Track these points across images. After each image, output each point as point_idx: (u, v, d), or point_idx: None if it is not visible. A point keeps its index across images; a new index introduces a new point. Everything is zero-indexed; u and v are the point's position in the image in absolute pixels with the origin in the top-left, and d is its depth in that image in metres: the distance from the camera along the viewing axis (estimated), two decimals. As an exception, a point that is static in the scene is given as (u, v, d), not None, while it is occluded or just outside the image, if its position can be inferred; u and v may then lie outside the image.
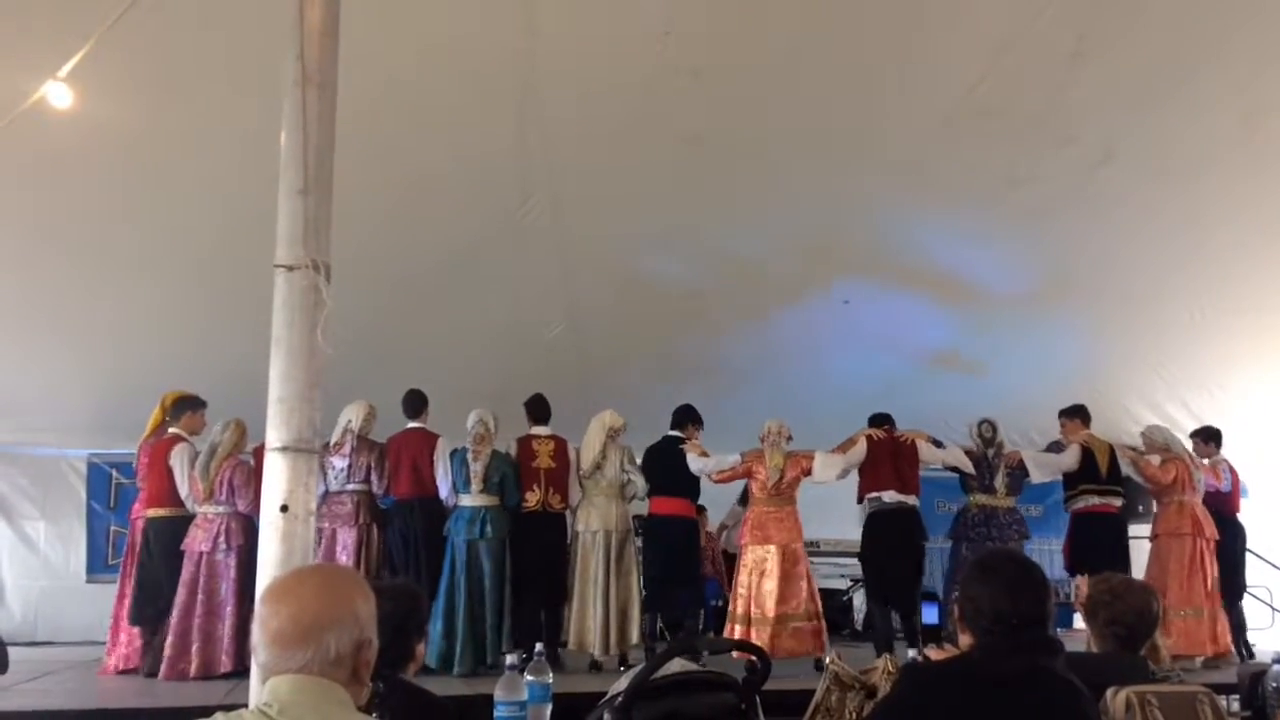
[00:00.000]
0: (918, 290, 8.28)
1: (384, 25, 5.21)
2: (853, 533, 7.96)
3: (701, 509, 8.03)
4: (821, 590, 7.44)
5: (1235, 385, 9.19)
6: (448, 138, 6.40)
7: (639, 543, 7.41)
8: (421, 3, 5.52)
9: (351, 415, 6.87)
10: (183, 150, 6.26)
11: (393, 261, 7.13)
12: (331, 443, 6.76)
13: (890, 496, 7.09)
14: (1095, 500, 7.49)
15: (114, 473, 9.25)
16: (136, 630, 6.67)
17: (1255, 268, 7.90)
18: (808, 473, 7.10)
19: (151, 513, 6.80)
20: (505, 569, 6.72)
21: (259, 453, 6.75)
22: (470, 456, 6.75)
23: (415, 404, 6.94)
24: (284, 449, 3.20)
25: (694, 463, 7.16)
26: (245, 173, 5.12)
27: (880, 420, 7.38)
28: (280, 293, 3.31)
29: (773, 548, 6.90)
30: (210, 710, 1.74)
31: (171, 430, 6.89)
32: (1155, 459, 7.68)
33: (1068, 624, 8.41)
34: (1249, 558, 8.33)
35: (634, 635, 6.95)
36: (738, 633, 6.75)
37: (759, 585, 6.84)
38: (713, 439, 7.42)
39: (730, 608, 7.08)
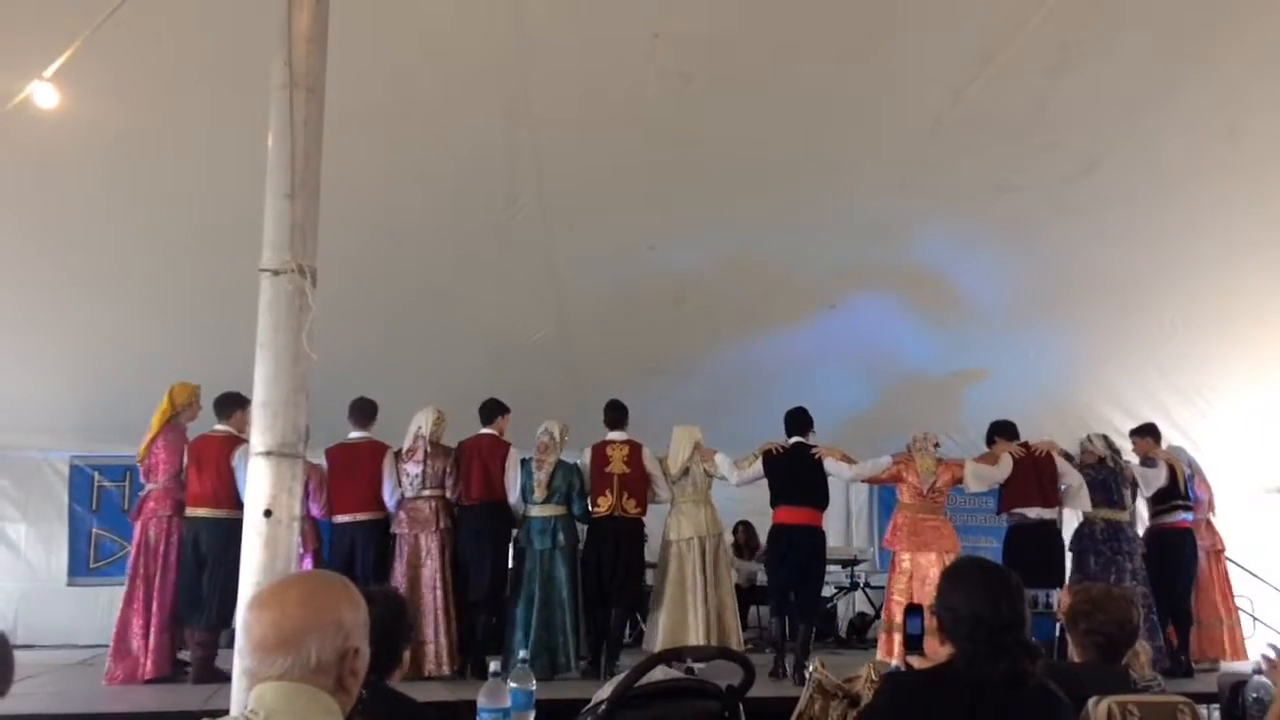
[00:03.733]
0: (904, 296, 8.30)
1: (372, 26, 5.20)
2: (833, 540, 7.92)
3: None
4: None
5: (1216, 394, 9.25)
6: (436, 139, 6.38)
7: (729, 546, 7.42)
8: (411, 4, 5.51)
9: (422, 421, 6.90)
10: (168, 152, 6.23)
11: (380, 264, 7.11)
12: (404, 449, 6.82)
13: (1034, 512, 7.15)
14: (1182, 515, 7.68)
15: (96, 475, 9.20)
16: (139, 635, 6.47)
17: (1240, 278, 7.94)
18: (959, 481, 7.14)
19: (205, 512, 6.51)
20: (577, 576, 6.85)
21: (330, 455, 6.80)
22: (535, 465, 6.88)
23: (491, 411, 7.07)
24: (268, 454, 3.18)
25: (843, 469, 7.11)
26: (231, 175, 5.10)
27: (1005, 429, 7.41)
28: (265, 297, 3.30)
29: (933, 555, 6.81)
30: (195, 715, 1.73)
31: (222, 428, 6.69)
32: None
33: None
34: (1231, 568, 8.48)
35: (732, 640, 6.90)
36: (895, 643, 6.42)
37: (922, 594, 6.56)
38: (707, 442, 7.39)
39: (886, 616, 6.94)
